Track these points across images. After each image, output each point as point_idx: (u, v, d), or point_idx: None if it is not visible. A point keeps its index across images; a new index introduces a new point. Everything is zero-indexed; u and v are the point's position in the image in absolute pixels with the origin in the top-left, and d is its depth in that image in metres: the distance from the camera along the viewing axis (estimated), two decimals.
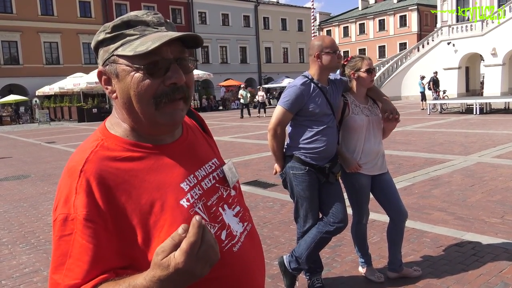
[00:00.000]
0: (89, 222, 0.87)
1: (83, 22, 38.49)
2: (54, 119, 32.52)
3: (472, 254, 3.67)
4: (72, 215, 0.88)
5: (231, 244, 1.02)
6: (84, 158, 0.93)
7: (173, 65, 0.95)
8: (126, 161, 0.95)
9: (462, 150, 8.99)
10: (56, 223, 0.90)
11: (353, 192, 3.18)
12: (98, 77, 1.00)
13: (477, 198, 5.35)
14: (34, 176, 9.01)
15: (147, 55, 0.91)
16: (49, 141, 16.84)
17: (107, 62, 0.97)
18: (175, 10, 44.28)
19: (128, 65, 0.94)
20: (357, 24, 54.25)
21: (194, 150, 1.09)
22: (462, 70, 32.17)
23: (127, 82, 0.95)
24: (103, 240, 0.87)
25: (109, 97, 1.01)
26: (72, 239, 0.87)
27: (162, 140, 1.03)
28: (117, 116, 1.02)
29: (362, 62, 3.06)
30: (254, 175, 7.61)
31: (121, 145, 0.98)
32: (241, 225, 1.09)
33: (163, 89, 0.94)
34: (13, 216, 5.86)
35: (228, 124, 19.71)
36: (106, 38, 0.97)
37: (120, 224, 0.89)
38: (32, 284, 3.65)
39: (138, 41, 0.94)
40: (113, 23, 0.98)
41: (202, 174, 1.06)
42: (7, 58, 35.26)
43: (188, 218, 0.91)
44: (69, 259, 0.87)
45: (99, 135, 1.00)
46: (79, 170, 0.91)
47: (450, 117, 17.28)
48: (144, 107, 0.95)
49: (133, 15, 0.98)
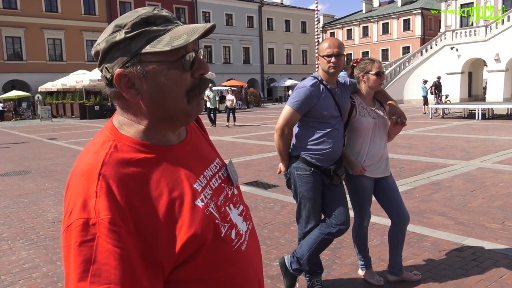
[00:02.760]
0: (114, 225, 0.84)
1: (87, 19, 38.58)
2: (56, 115, 32.55)
3: (472, 259, 3.67)
4: (93, 219, 0.83)
5: (240, 243, 1.03)
6: (100, 160, 0.90)
7: (196, 57, 0.94)
8: (141, 163, 0.93)
9: (464, 155, 8.99)
10: (71, 228, 0.84)
11: (355, 194, 3.18)
12: (117, 81, 0.93)
13: (478, 204, 5.35)
14: (35, 172, 9.02)
15: (175, 50, 0.90)
16: (50, 137, 16.86)
17: (129, 63, 0.92)
18: (179, 9, 44.35)
19: (159, 62, 0.91)
20: (361, 27, 54.23)
21: (199, 150, 1.10)
22: (465, 75, 32.14)
23: (160, 80, 0.92)
24: (129, 245, 0.84)
25: (130, 99, 0.95)
26: (95, 244, 0.82)
27: (170, 141, 1.02)
28: (128, 117, 0.98)
29: (372, 65, 3.06)
30: (255, 175, 7.61)
31: (133, 146, 0.95)
32: (245, 224, 1.10)
33: (193, 82, 0.95)
34: (14, 212, 5.87)
35: (229, 124, 19.68)
36: (125, 38, 0.91)
37: (141, 227, 0.87)
38: (31, 280, 3.65)
39: (167, 36, 0.91)
40: (131, 21, 0.92)
41: (210, 175, 1.06)
42: (11, 53, 35.33)
43: (204, 218, 0.93)
44: (93, 265, 0.82)
45: (109, 135, 0.97)
46: (97, 173, 0.88)
47: (452, 121, 17.26)
48: (179, 103, 0.94)
49: (148, 11, 0.94)
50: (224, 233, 0.98)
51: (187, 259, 0.91)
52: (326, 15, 60.64)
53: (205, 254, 0.93)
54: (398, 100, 31.46)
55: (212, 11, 46.29)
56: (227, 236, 0.99)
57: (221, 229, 0.98)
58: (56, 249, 4.36)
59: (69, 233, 0.85)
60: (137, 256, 0.85)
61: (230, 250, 0.98)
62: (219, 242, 0.96)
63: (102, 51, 0.95)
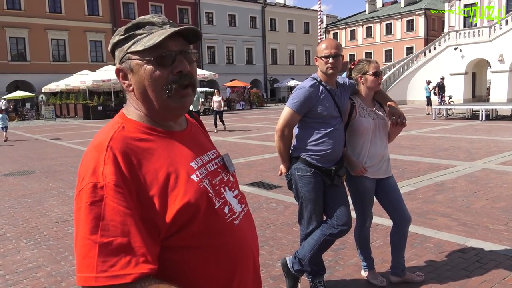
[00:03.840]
0: (119, 187, 0.99)
1: (90, 20, 38.70)
2: (60, 116, 32.66)
3: (475, 260, 3.66)
4: (101, 183, 0.99)
5: (233, 218, 1.17)
6: (109, 136, 1.07)
7: (178, 56, 1.11)
8: (144, 141, 1.10)
9: (467, 156, 8.96)
10: (83, 192, 1.00)
11: (357, 195, 3.18)
12: (116, 74, 1.15)
13: (481, 205, 5.34)
14: (39, 172, 9.06)
15: (155, 49, 1.07)
16: (54, 137, 16.93)
17: (122, 60, 1.13)
18: (182, 10, 44.40)
19: (140, 59, 1.10)
20: (364, 27, 54.19)
21: (198, 140, 1.26)
22: (468, 76, 32.05)
23: (141, 74, 1.10)
24: (131, 205, 0.99)
25: (126, 91, 1.16)
26: (103, 203, 0.97)
27: (172, 128, 1.18)
28: (132, 105, 1.17)
29: (369, 66, 3.06)
30: (258, 176, 7.61)
31: (139, 128, 1.12)
32: (240, 205, 1.24)
33: (172, 78, 1.10)
34: (18, 211, 5.89)
35: (232, 124, 19.72)
36: (120, 39, 1.13)
37: (142, 193, 1.02)
38: (35, 279, 3.67)
39: (146, 38, 1.10)
40: (125, 26, 1.14)
41: (206, 159, 1.21)
42: (15, 54, 35.47)
43: (198, 190, 1.09)
44: (102, 221, 0.96)
45: (119, 120, 1.15)
46: (106, 145, 1.04)
47: (455, 122, 17.22)
48: (158, 95, 1.11)
49: (141, 18, 1.15)
50: (218, 206, 1.13)
51: (183, 226, 1.05)
52: (329, 15, 60.65)
53: (199, 222, 1.07)
54: (401, 100, 31.48)
55: (215, 11, 46.33)
56: (220, 209, 1.13)
57: (215, 202, 1.13)
58: (60, 248, 4.38)
59: (80, 196, 1.01)
60: (138, 217, 0.99)
61: (223, 222, 1.13)
62: (212, 213, 1.11)
63: (110, 51, 1.19)
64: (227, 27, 47.40)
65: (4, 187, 7.57)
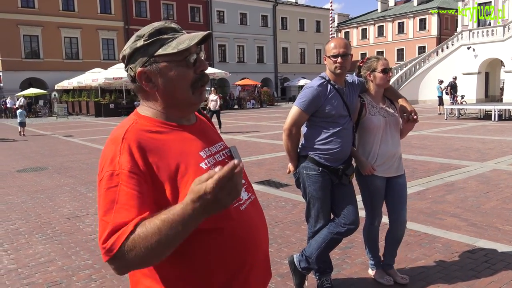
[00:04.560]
0: (133, 174, 1.12)
1: (103, 18, 39.02)
2: (72, 113, 33.00)
3: (484, 261, 3.65)
4: (117, 171, 1.12)
5: (239, 204, 1.27)
6: (124, 130, 1.20)
7: (198, 57, 1.25)
8: (157, 133, 1.22)
9: (479, 156, 8.89)
10: (103, 179, 1.13)
11: (367, 194, 3.18)
12: (139, 77, 1.25)
13: (491, 205, 5.30)
14: (51, 168, 9.18)
15: (181, 52, 1.21)
16: (66, 134, 17.12)
17: (147, 63, 1.23)
18: (194, 8, 44.53)
19: (168, 61, 1.22)
20: (376, 26, 53.83)
21: (206, 133, 1.37)
22: (481, 76, 31.69)
23: (170, 75, 1.23)
24: (144, 190, 1.11)
25: (148, 92, 1.27)
26: (118, 189, 1.10)
27: (182, 122, 1.30)
28: (148, 104, 1.29)
29: (377, 63, 3.06)
30: (267, 174, 7.64)
31: (152, 122, 1.25)
32: (246, 193, 1.34)
33: (196, 76, 1.25)
34: (30, 207, 5.99)
35: (242, 123, 19.76)
36: (144, 44, 1.23)
37: (154, 180, 1.14)
38: (47, 273, 3.74)
39: (174, 42, 1.21)
40: (148, 32, 1.24)
41: (214, 150, 1.33)
42: (28, 52, 35.92)
43: None
44: (116, 205, 1.09)
45: (134, 116, 1.28)
46: (122, 138, 1.17)
47: (467, 122, 17.06)
48: (185, 92, 1.25)
49: (161, 25, 1.26)
50: None
51: None
52: (341, 14, 60.32)
53: None
54: (413, 100, 31.23)
55: (226, 10, 46.39)
56: None
57: None
58: (71, 244, 4.45)
59: (101, 184, 1.14)
60: (151, 200, 1.12)
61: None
62: None
63: (127, 55, 1.27)
64: (238, 25, 47.43)
65: (17, 183, 7.70)
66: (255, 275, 1.33)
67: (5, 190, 7.16)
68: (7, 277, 3.67)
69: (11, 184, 7.65)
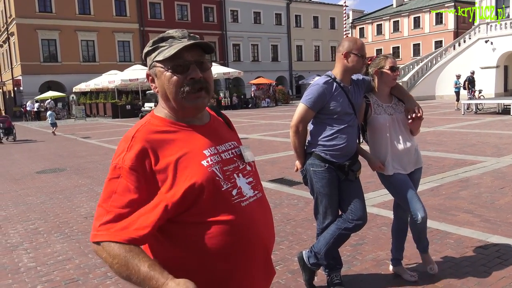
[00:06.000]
0: (133, 171, 1.26)
1: (118, 20, 39.53)
2: (90, 115, 33.52)
3: (496, 256, 3.63)
4: (119, 164, 1.28)
5: (240, 200, 1.36)
6: (136, 129, 1.35)
7: (192, 65, 1.34)
8: (166, 133, 1.35)
9: (495, 151, 8.77)
10: (109, 170, 1.30)
11: (394, 191, 3.16)
12: (147, 78, 1.43)
13: (506, 201, 5.24)
14: (70, 169, 9.39)
15: (173, 59, 1.32)
16: (84, 136, 17.43)
17: (150, 66, 1.39)
18: (208, 8, 44.74)
19: (161, 67, 1.35)
20: (391, 21, 53.25)
21: (218, 132, 1.46)
22: (500, 69, 31.10)
23: (162, 79, 1.36)
24: (141, 186, 1.25)
25: (155, 92, 1.42)
26: (119, 181, 1.26)
27: (193, 122, 1.41)
28: (161, 105, 1.42)
29: (385, 61, 3.08)
30: (280, 173, 7.68)
31: (163, 122, 1.38)
32: (252, 191, 1.42)
33: (186, 83, 1.33)
34: (49, 207, 6.16)
35: (257, 122, 19.82)
36: (149, 50, 1.39)
37: (156, 175, 1.27)
38: (65, 271, 3.85)
39: (166, 50, 1.33)
40: (153, 39, 1.39)
41: (222, 149, 1.42)
42: (47, 55, 36.62)
43: (205, 173, 1.30)
44: (114, 194, 1.25)
45: (148, 116, 1.42)
46: (132, 136, 1.32)
47: (485, 117, 16.79)
48: (175, 96, 1.35)
49: (166, 33, 1.39)
50: (225, 189, 1.33)
51: (192, 204, 1.28)
52: (355, 10, 59.89)
53: (206, 200, 1.28)
54: (429, 96, 30.88)
55: (240, 9, 46.50)
56: (227, 191, 1.34)
57: (222, 184, 1.33)
58: (88, 242, 4.57)
59: (108, 173, 1.30)
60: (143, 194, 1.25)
61: (229, 202, 1.33)
62: (219, 194, 1.31)
63: (143, 59, 1.44)
64: (252, 24, 47.49)
65: (37, 184, 7.90)
66: (256, 270, 1.40)
67: (25, 191, 7.36)
68: (26, 275, 3.80)
69: (31, 185, 7.85)
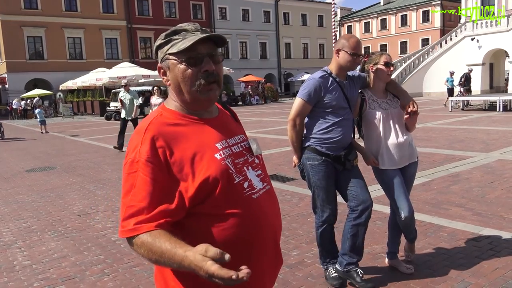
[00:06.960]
0: (149, 163, 1.26)
1: (105, 17, 39.16)
2: (77, 113, 33.18)
3: (488, 248, 3.70)
4: (137, 158, 1.28)
5: (251, 193, 1.38)
6: (148, 122, 1.35)
7: (205, 58, 1.34)
8: (178, 126, 1.35)
9: (483, 147, 8.91)
10: (126, 164, 1.30)
11: (386, 187, 3.20)
12: (158, 71, 1.43)
13: (496, 195, 5.34)
14: (59, 167, 9.30)
15: (187, 51, 1.32)
16: (73, 134, 17.26)
17: (163, 59, 1.38)
18: (196, 5, 44.57)
19: (175, 59, 1.35)
20: (379, 19, 53.60)
21: (227, 126, 1.48)
22: (486, 67, 31.50)
23: (176, 72, 1.36)
24: (159, 178, 1.25)
25: (166, 85, 1.42)
26: (136, 175, 1.26)
27: (203, 115, 1.41)
28: (171, 98, 1.42)
29: (380, 57, 3.13)
30: (273, 169, 7.70)
31: (174, 115, 1.38)
32: (261, 183, 1.45)
33: (200, 75, 1.34)
34: (41, 205, 6.10)
35: (247, 119, 19.83)
36: (161, 43, 1.39)
37: (172, 167, 1.28)
38: (61, 268, 3.83)
39: (180, 42, 1.34)
40: (166, 32, 1.39)
41: (232, 142, 1.43)
42: (32, 53, 36.14)
43: (219, 166, 1.32)
44: (134, 189, 1.26)
45: (159, 109, 1.42)
46: (145, 129, 1.32)
47: (472, 114, 17.03)
48: (189, 89, 1.35)
49: (178, 26, 1.39)
50: (238, 181, 1.35)
51: (207, 196, 1.29)
52: (343, 8, 60.07)
53: (220, 193, 1.30)
54: (417, 93, 31.15)
55: (228, 6, 46.40)
56: (239, 184, 1.36)
57: (235, 177, 1.35)
58: (82, 240, 4.54)
59: (125, 168, 1.31)
60: (163, 186, 1.25)
61: (241, 195, 1.35)
62: (231, 187, 1.33)
63: (154, 52, 1.43)
64: (240, 22, 47.43)
65: (27, 183, 7.82)
66: (267, 259, 1.43)
67: (15, 189, 7.28)
68: (22, 273, 3.77)
69: (21, 183, 7.77)
